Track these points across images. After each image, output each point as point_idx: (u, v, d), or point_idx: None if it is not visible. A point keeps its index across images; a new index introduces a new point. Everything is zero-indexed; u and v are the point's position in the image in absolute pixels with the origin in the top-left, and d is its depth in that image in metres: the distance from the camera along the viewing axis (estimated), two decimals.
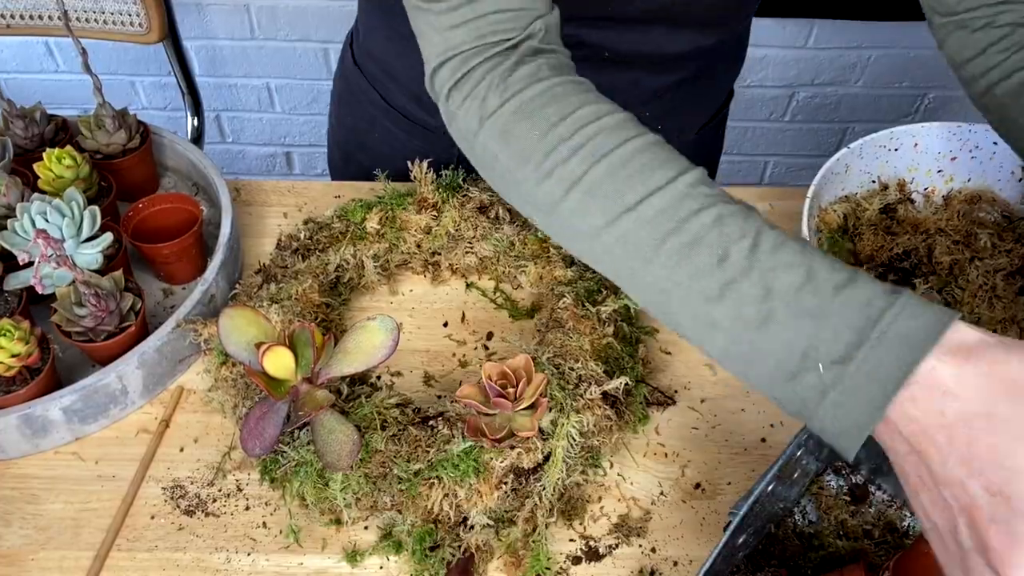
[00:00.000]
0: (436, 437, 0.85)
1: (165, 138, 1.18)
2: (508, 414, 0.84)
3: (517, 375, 0.84)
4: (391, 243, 1.06)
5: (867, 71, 2.18)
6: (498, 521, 0.85)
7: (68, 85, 2.28)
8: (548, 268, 1.02)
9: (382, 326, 0.85)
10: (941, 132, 1.07)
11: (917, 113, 2.29)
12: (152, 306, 1.05)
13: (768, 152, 2.41)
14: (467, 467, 0.82)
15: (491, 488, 0.83)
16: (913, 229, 1.06)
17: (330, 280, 1.03)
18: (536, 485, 0.84)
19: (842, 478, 0.86)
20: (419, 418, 0.88)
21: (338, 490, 0.84)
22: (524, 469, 0.84)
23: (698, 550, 0.86)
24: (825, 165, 1.01)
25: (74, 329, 0.93)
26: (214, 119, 2.36)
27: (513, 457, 0.83)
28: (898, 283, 1.03)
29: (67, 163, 1.02)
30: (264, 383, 0.82)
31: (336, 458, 0.81)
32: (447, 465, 0.82)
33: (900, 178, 1.09)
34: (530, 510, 0.85)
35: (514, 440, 0.83)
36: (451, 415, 0.87)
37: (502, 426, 0.83)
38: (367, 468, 0.84)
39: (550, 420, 0.86)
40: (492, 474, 0.83)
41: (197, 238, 1.04)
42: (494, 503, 0.83)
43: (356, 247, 1.04)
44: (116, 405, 0.94)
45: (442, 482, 0.83)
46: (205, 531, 0.87)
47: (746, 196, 1.19)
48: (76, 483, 0.90)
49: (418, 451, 0.84)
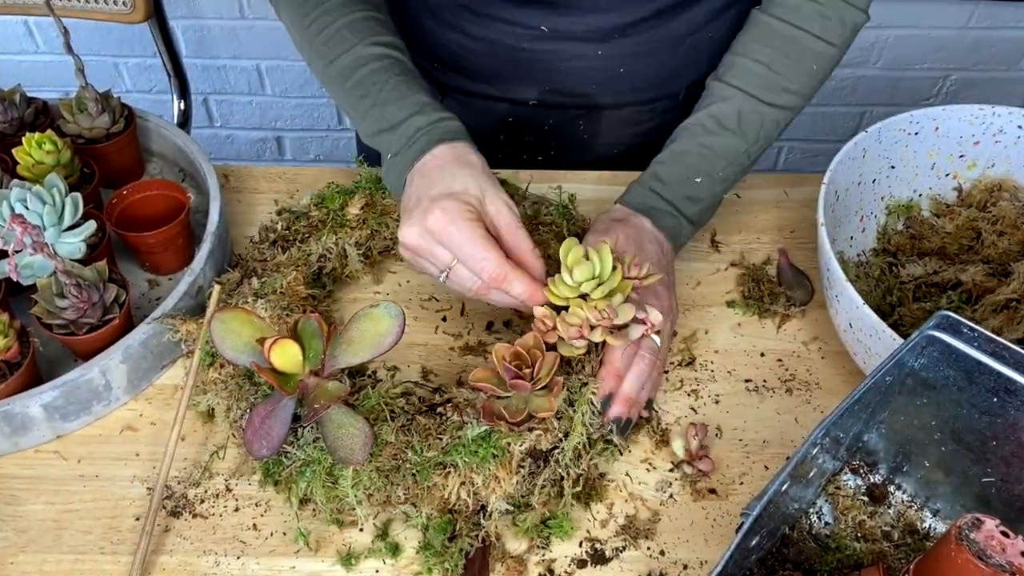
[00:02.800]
0: (447, 424, 0.85)
1: (150, 122, 1.18)
2: (525, 396, 0.84)
3: (532, 356, 0.84)
4: (373, 229, 1.05)
5: (885, 52, 2.18)
6: (515, 507, 0.85)
7: (49, 66, 2.27)
8: (543, 247, 1.01)
9: (387, 312, 0.85)
10: (963, 115, 1.07)
11: (938, 96, 2.28)
12: (137, 298, 1.04)
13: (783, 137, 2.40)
14: (485, 452, 0.83)
15: (510, 472, 0.83)
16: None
17: (312, 271, 1.02)
18: (556, 466, 0.85)
19: (860, 477, 0.86)
20: (426, 406, 0.88)
21: (349, 487, 0.84)
22: (541, 451, 0.84)
23: (708, 553, 0.86)
24: (842, 150, 1.00)
25: (55, 321, 0.92)
26: (202, 102, 2.35)
27: (532, 439, 0.84)
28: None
29: (47, 148, 1.01)
30: (274, 379, 0.81)
31: (349, 452, 0.81)
32: (462, 451, 0.83)
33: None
34: (548, 492, 0.85)
35: (532, 422, 0.84)
36: (459, 401, 0.87)
37: (520, 409, 0.83)
38: (378, 462, 0.84)
39: (563, 399, 0.86)
40: (511, 458, 0.83)
41: (184, 226, 1.04)
42: (512, 488, 0.83)
43: (337, 235, 1.04)
44: (99, 401, 0.93)
45: (458, 469, 0.83)
46: (192, 533, 0.87)
47: (759, 182, 1.19)
48: (57, 483, 0.90)
49: (429, 440, 0.84)
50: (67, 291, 0.90)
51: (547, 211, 1.08)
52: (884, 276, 1.05)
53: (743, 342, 1.02)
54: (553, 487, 0.86)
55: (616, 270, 0.86)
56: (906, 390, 0.79)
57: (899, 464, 0.85)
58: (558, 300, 0.87)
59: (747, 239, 1.13)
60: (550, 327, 0.86)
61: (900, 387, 0.79)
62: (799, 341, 1.02)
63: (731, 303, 1.06)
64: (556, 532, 0.86)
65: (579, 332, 0.84)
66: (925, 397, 0.79)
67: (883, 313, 1.00)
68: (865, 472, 0.87)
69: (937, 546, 0.66)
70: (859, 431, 0.83)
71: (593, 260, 0.85)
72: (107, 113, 1.11)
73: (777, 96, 1.02)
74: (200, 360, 0.93)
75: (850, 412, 0.74)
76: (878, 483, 0.86)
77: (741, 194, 1.17)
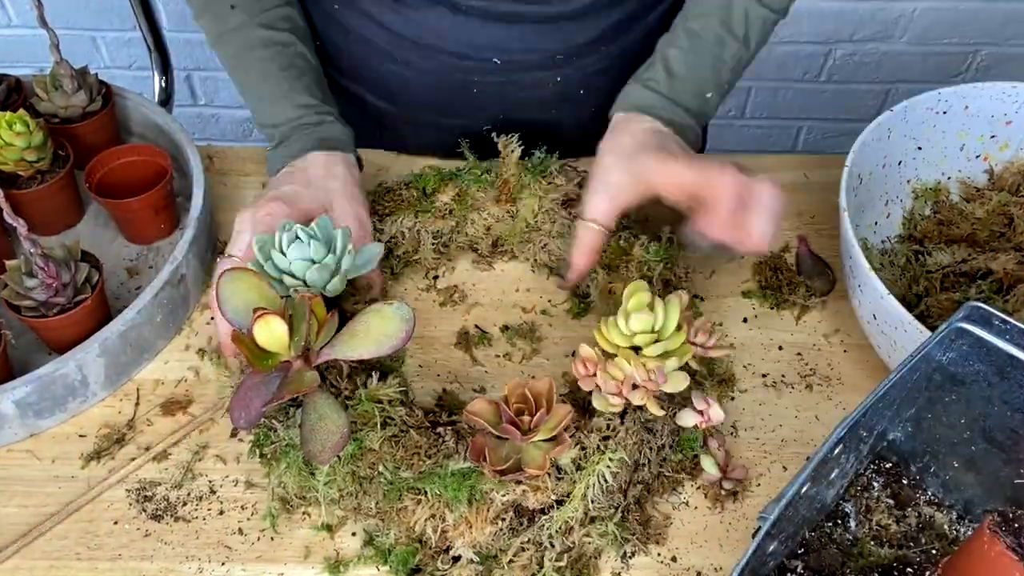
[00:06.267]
0: (440, 448, 0.84)
1: (130, 100, 1.17)
2: (518, 444, 0.81)
3: (537, 402, 0.81)
4: (458, 221, 1.06)
5: (912, 25, 2.17)
6: (488, 558, 0.83)
7: (21, 41, 2.27)
8: (619, 283, 0.99)
9: (397, 313, 0.83)
10: (995, 93, 1.06)
11: (968, 72, 2.28)
12: (116, 287, 1.04)
13: (802, 116, 2.40)
14: (460, 491, 0.81)
15: (484, 521, 0.81)
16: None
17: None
18: (542, 531, 0.82)
19: (884, 478, 0.86)
20: (428, 422, 0.87)
21: (322, 482, 0.84)
22: (526, 509, 0.82)
23: (723, 559, 0.86)
24: (865, 131, 1.00)
25: (24, 303, 0.92)
26: (184, 79, 2.35)
27: (517, 494, 0.81)
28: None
29: (18, 129, 1.01)
30: (248, 352, 0.81)
31: (319, 448, 0.80)
32: (438, 482, 0.81)
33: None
34: (529, 557, 0.82)
35: (520, 475, 0.80)
36: (463, 426, 0.86)
37: (508, 456, 0.80)
38: (356, 465, 0.83)
39: (571, 458, 0.83)
40: (488, 507, 0.81)
41: (167, 192, 1.06)
42: (485, 539, 0.81)
43: (418, 219, 1.05)
44: (75, 398, 0.93)
45: (428, 500, 0.82)
46: (174, 538, 0.87)
47: (777, 165, 1.19)
48: (30, 484, 0.90)
49: (415, 459, 0.83)
50: (36, 269, 0.90)
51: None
52: (910, 264, 1.04)
53: (760, 335, 1.02)
54: (537, 551, 0.83)
55: (680, 330, 0.83)
56: (933, 386, 0.79)
57: (926, 464, 0.84)
58: (607, 346, 0.84)
59: None
60: (590, 372, 0.84)
61: (927, 383, 0.79)
62: (819, 334, 1.02)
63: (747, 293, 1.06)
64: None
65: (618, 388, 0.82)
66: (954, 393, 0.79)
67: (909, 304, 1.00)
68: (890, 473, 0.86)
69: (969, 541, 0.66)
70: (883, 429, 0.83)
71: (656, 313, 0.82)
72: (83, 90, 1.10)
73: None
74: None
75: (874, 409, 0.74)
76: (904, 485, 0.86)
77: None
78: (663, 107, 1.00)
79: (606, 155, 0.97)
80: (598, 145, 0.98)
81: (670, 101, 1.01)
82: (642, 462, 0.86)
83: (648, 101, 1.01)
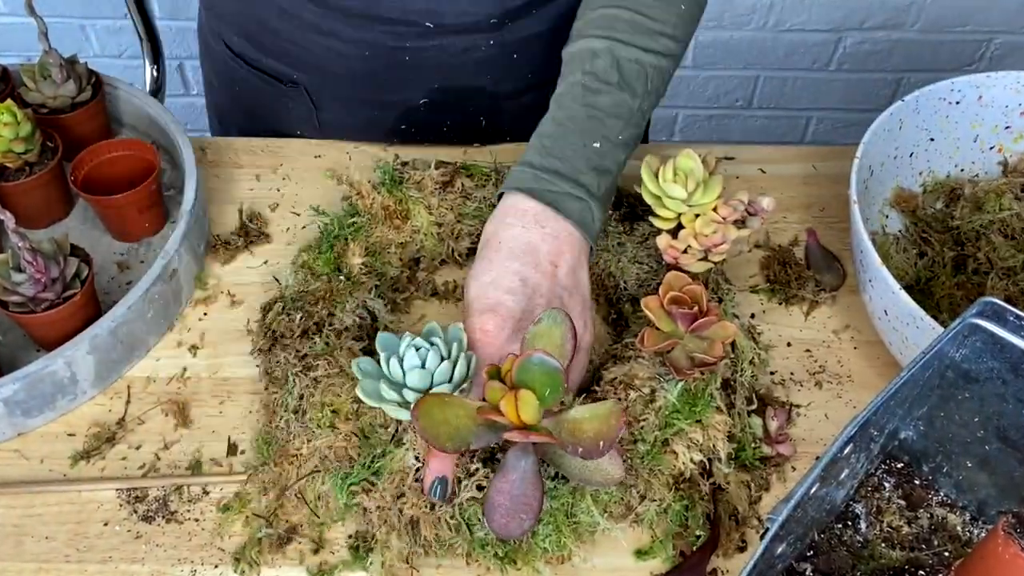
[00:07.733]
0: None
1: (120, 90, 1.17)
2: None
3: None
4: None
5: (924, 13, 2.17)
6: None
7: (9, 29, 2.27)
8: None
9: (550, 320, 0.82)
10: (1010, 83, 1.06)
11: (981, 61, 2.28)
12: (106, 282, 1.04)
13: (811, 106, 2.40)
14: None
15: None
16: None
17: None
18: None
19: (895, 479, 0.86)
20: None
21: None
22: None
23: (731, 561, 0.86)
24: (876, 121, 1.00)
25: (11, 298, 0.92)
26: (176, 68, 2.35)
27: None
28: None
29: (5, 120, 1.00)
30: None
31: (606, 475, 0.80)
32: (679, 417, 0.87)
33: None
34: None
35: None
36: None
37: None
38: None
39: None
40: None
41: (156, 187, 1.05)
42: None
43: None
44: (64, 396, 0.93)
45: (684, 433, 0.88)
46: (166, 540, 0.86)
47: (786, 156, 1.18)
48: (18, 485, 0.90)
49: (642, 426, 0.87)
50: (24, 263, 0.90)
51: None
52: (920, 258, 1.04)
53: (768, 331, 1.02)
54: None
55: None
56: (946, 383, 0.79)
57: (938, 464, 0.84)
58: (665, 224, 0.94)
59: (772, 218, 1.12)
60: (680, 250, 0.93)
61: (939, 380, 0.79)
62: (829, 330, 1.02)
63: (754, 288, 1.05)
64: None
65: (721, 236, 0.92)
66: (967, 391, 0.78)
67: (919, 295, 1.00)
68: (901, 473, 0.86)
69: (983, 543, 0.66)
70: (895, 428, 0.83)
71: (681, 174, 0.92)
72: (72, 80, 1.10)
73: (653, 41, 0.97)
74: None
75: (885, 407, 0.74)
76: (915, 485, 0.86)
77: (766, 169, 1.16)
78: (558, 192, 0.93)
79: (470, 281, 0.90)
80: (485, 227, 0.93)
81: (569, 182, 0.93)
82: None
83: (541, 186, 0.93)
